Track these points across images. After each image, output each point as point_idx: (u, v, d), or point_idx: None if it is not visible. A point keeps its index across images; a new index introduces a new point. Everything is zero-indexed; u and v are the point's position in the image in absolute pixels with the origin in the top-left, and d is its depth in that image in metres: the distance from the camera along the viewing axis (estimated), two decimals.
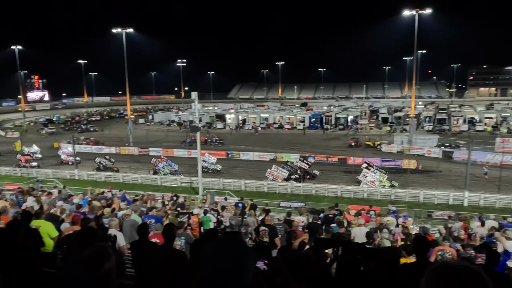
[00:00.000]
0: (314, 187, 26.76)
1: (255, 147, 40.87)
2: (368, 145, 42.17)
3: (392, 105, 75.12)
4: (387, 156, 35.90)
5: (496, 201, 23.32)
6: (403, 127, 52.53)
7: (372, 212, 13.43)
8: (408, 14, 46.26)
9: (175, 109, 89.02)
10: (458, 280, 1.05)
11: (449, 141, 40.86)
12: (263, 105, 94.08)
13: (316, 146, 42.21)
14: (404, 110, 65.38)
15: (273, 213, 18.57)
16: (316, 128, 58.86)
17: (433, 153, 37.23)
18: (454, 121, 53.55)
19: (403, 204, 22.62)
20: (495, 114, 56.41)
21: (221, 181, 28.59)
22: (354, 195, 25.72)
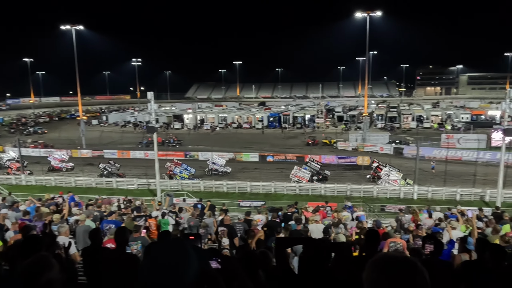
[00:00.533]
0: (273, 185, 27.04)
1: (214, 147, 40.61)
2: (325, 143, 43.30)
3: (347, 104, 77.70)
4: (343, 153, 37.04)
5: (442, 194, 24.83)
6: (357, 125, 54.51)
7: (329, 208, 13.82)
8: (360, 16, 48.05)
9: (130, 110, 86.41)
10: (396, 271, 1.10)
11: (400, 138, 42.93)
12: (221, 105, 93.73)
13: (274, 145, 42.72)
14: (358, 109, 67.78)
15: (233, 212, 18.57)
16: (274, 127, 59.54)
17: (385, 149, 38.93)
18: (404, 119, 56.34)
19: (358, 199, 23.45)
20: (440, 112, 60.03)
21: (179, 183, 28.15)
22: (312, 192, 26.29)
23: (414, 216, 12.32)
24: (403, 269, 1.10)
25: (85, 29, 49.69)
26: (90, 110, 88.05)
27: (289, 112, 64.28)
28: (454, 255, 5.41)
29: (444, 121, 55.75)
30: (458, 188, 24.99)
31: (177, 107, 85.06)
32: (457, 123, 53.72)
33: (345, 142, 42.17)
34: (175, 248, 1.18)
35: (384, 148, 39.20)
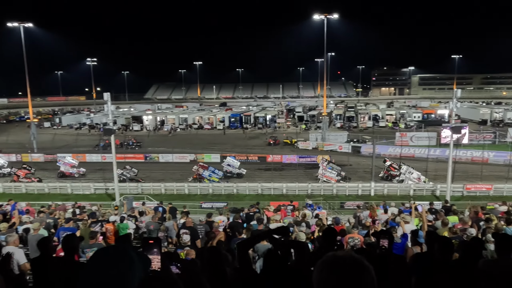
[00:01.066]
0: (235, 186, 27.04)
1: (174, 149, 39.91)
2: (286, 143, 43.90)
3: (307, 104, 79.26)
4: (304, 153, 37.73)
5: (397, 190, 25.97)
6: (317, 125, 55.73)
7: (290, 207, 14.02)
8: (318, 18, 49.19)
9: (86, 111, 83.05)
10: (343, 271, 1.13)
11: (357, 136, 44.39)
12: (182, 106, 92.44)
13: (236, 146, 42.70)
14: (317, 109, 69.33)
15: (195, 215, 18.32)
16: (236, 128, 59.54)
17: (344, 148, 40.09)
18: (361, 118, 58.33)
19: (318, 197, 23.99)
20: (394, 111, 62.71)
21: (139, 186, 27.43)
22: (274, 191, 26.55)
23: (371, 212, 12.78)
24: (350, 269, 1.13)
25: (35, 27, 47.16)
26: (41, 112, 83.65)
27: (250, 113, 64.57)
28: (407, 249, 5.68)
29: (398, 120, 58.32)
30: (412, 184, 26.26)
31: (136, 108, 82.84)
32: (409, 122, 56.39)
33: (306, 142, 42.96)
34: (117, 255, 1.14)
35: (342, 147, 40.35)
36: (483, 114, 58.61)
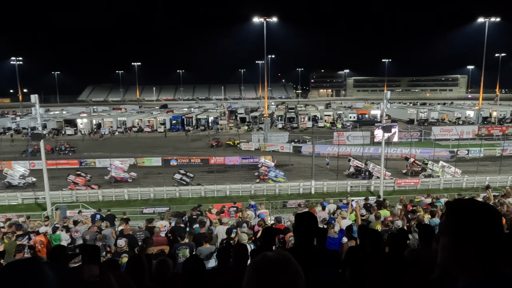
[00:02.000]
0: (177, 190, 26.52)
1: (112, 153, 38.13)
2: (229, 145, 43.95)
3: (249, 106, 79.90)
4: (246, 154, 38.02)
5: (336, 187, 27.16)
6: (259, 126, 56.47)
7: (233, 208, 14.07)
8: (258, 21, 49.93)
9: (11, 115, 76.38)
10: (270, 272, 1.16)
11: (298, 137, 45.71)
12: (120, 108, 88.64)
13: (178, 148, 41.88)
14: (259, 110, 70.26)
15: (136, 221, 17.71)
16: (177, 130, 58.40)
17: (285, 148, 41.08)
18: (301, 119, 60.17)
19: (261, 197, 24.33)
20: (332, 112, 65.53)
21: (73, 193, 25.82)
22: (218, 193, 26.46)
23: (309, 210, 13.22)
24: (276, 269, 1.16)
25: None
26: None
27: (192, 115, 63.72)
28: (342, 243, 5.98)
29: (335, 120, 61.04)
30: (349, 181, 27.63)
31: (69, 111, 77.94)
32: (346, 122, 59.29)
33: (248, 143, 43.35)
34: (25, 271, 1.07)
35: (284, 147, 41.32)
36: (411, 114, 63.32)
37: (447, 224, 1.30)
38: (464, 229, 1.25)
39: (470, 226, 1.24)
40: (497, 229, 1.25)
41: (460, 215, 1.28)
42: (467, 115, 61.54)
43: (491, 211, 1.27)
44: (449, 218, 1.30)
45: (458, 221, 1.27)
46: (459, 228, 1.26)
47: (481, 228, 1.23)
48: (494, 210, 1.29)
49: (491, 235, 1.23)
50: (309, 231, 2.75)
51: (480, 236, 1.22)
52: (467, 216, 1.26)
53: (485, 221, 1.24)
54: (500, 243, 1.25)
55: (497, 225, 1.26)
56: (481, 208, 1.27)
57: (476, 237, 1.22)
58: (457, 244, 1.26)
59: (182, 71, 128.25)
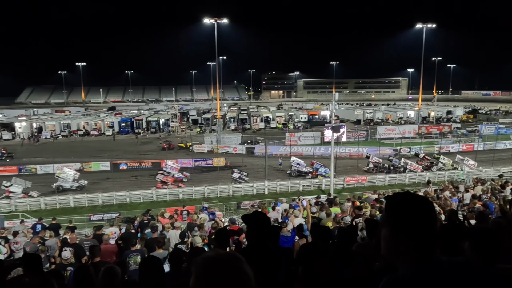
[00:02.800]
0: (128, 195, 25.60)
1: (55, 158, 36.02)
2: (181, 147, 43.20)
3: (201, 107, 79.19)
4: (199, 156, 37.63)
5: (288, 186, 27.67)
6: (211, 128, 56.11)
7: (185, 212, 13.84)
8: (208, 22, 49.64)
9: None
10: (217, 272, 1.15)
11: (250, 138, 46.02)
12: (63, 111, 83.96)
13: (128, 152, 40.42)
14: (211, 112, 69.83)
15: (83, 229, 16.82)
16: (127, 133, 56.44)
17: (238, 149, 41.18)
18: (253, 120, 60.63)
19: (215, 199, 24.18)
20: (283, 113, 66.71)
21: (12, 202, 24.03)
22: (170, 197, 25.91)
23: (265, 210, 13.37)
24: (222, 268, 1.16)
25: None
26: None
27: (142, 117, 61.86)
28: (294, 242, 6.11)
29: (287, 121, 62.21)
30: (301, 180, 28.27)
31: (5, 114, 72.44)
32: (297, 123, 60.64)
33: (201, 145, 42.92)
34: None
35: (237, 149, 41.40)
36: (357, 114, 66.14)
37: (386, 216, 1.39)
38: (401, 220, 1.34)
39: (406, 217, 1.33)
40: (431, 219, 1.35)
41: (397, 207, 1.37)
42: (409, 115, 65.42)
43: (424, 203, 1.37)
44: (388, 210, 1.39)
45: (395, 213, 1.36)
46: (396, 219, 1.35)
47: (416, 218, 1.32)
48: (428, 201, 1.40)
49: (426, 224, 1.33)
50: (259, 230, 2.78)
51: (416, 226, 1.32)
52: (403, 208, 1.35)
53: (420, 212, 1.34)
54: (435, 232, 1.35)
55: (430, 215, 1.36)
56: (416, 200, 1.37)
57: (412, 227, 1.32)
58: (395, 234, 1.35)
59: (131, 72, 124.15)
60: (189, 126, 60.94)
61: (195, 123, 62.50)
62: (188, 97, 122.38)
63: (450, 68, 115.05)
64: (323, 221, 9.30)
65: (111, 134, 54.46)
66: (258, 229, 2.77)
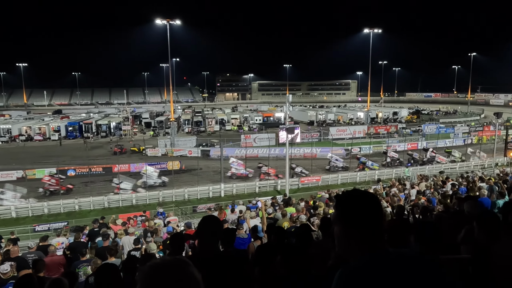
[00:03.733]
0: (76, 202, 24.37)
1: None
2: (134, 151, 41.89)
3: (154, 110, 77.34)
4: (153, 160, 36.62)
5: (245, 188, 27.74)
6: (165, 131, 54.94)
7: (139, 218, 13.42)
8: (161, 23, 48.65)
9: None
10: (164, 279, 1.12)
11: (206, 140, 45.59)
12: (3, 114, 78.30)
13: (76, 157, 38.44)
14: (165, 114, 68.41)
15: (27, 240, 15.76)
16: (74, 138, 53.73)
17: (193, 152, 40.63)
18: (208, 122, 60.18)
19: (170, 204, 23.69)
20: (238, 115, 66.84)
21: None
22: (123, 203, 25.02)
23: (219, 213, 13.30)
24: (169, 274, 1.13)
25: None
26: None
27: (91, 120, 59.17)
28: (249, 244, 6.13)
29: (242, 123, 62.40)
30: (257, 182, 28.46)
31: None
32: (252, 125, 61.03)
33: (155, 148, 41.87)
34: None
35: (192, 152, 40.84)
36: (311, 116, 67.83)
37: (336, 214, 1.44)
38: (350, 216, 1.39)
39: (354, 213, 1.39)
40: (378, 214, 1.42)
41: (345, 204, 1.42)
42: (358, 116, 68.16)
43: (371, 199, 1.44)
44: (337, 208, 1.44)
45: (345, 210, 1.41)
46: (345, 216, 1.40)
47: (364, 214, 1.38)
48: (374, 197, 1.46)
49: (374, 219, 1.39)
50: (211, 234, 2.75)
51: (364, 221, 1.37)
52: (352, 205, 1.41)
53: (367, 208, 1.40)
54: (382, 226, 1.42)
55: (377, 210, 1.43)
56: (363, 196, 1.43)
57: (361, 222, 1.37)
58: (346, 230, 1.40)
59: (79, 74, 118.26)
60: (142, 130, 59.26)
61: (148, 126, 60.83)
62: (140, 99, 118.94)
63: (395, 71, 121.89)
64: (279, 222, 9.42)
65: (57, 139, 51.58)
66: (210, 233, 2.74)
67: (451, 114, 78.61)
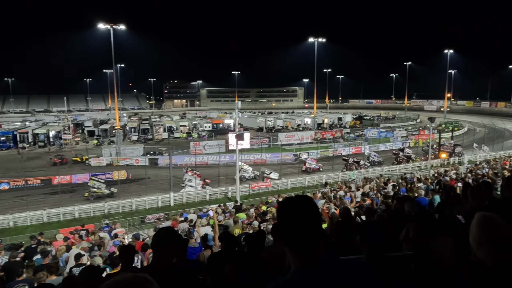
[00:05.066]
0: (11, 218, 22.51)
1: None
2: (76, 161, 39.69)
3: (98, 118, 73.94)
4: (97, 170, 34.96)
5: (195, 196, 27.33)
6: (110, 139, 52.69)
7: (83, 231, 12.69)
8: (103, 27, 46.83)
9: None
10: None
11: (154, 149, 44.38)
12: None
13: (10, 169, 35.57)
14: (110, 122, 65.68)
15: None
16: (8, 148, 49.78)
17: (141, 161, 39.37)
18: (156, 130, 58.64)
19: (116, 216, 22.69)
20: (187, 122, 65.88)
21: None
22: (64, 217, 23.53)
23: (173, 222, 12.98)
24: None
25: None
26: None
27: (27, 129, 55.14)
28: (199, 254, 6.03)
29: (191, 131, 61.58)
30: (207, 190, 28.16)
31: None
32: (202, 132, 60.43)
33: (99, 158, 39.98)
34: None
35: (139, 160, 39.55)
36: (260, 122, 68.63)
37: (278, 220, 1.47)
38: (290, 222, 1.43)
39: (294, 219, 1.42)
40: (317, 220, 1.46)
41: (286, 211, 1.45)
42: (306, 122, 70.14)
43: (310, 205, 1.48)
44: (279, 214, 1.47)
45: (286, 216, 1.45)
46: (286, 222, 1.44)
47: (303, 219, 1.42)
48: (313, 204, 1.51)
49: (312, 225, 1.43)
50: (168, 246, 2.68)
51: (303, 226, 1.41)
52: (292, 211, 1.44)
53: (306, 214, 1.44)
54: (320, 232, 1.46)
55: (316, 216, 1.47)
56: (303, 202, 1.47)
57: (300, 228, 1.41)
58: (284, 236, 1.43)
59: (12, 79, 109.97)
60: (85, 138, 56.31)
61: (91, 135, 57.93)
62: (82, 107, 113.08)
63: (339, 78, 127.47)
64: (231, 229, 9.38)
65: None
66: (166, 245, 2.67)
67: (391, 119, 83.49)
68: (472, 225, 2.00)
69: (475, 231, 1.97)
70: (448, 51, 79.94)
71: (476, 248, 1.96)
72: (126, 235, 13.16)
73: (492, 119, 62.97)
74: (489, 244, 1.87)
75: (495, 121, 58.04)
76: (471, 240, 2.00)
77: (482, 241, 1.91)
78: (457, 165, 32.30)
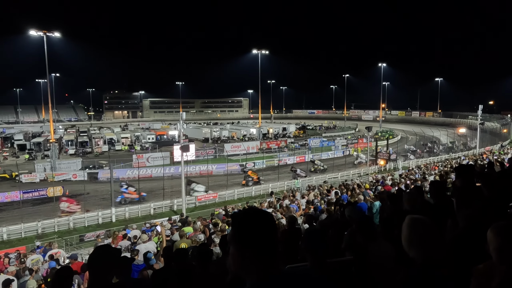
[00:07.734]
0: None
1: None
2: (4, 178, 36.48)
3: (30, 130, 68.82)
4: (29, 187, 32.31)
5: (139, 211, 26.30)
6: (44, 153, 49.20)
7: (12, 255, 11.61)
8: (35, 35, 43.99)
9: None
10: None
11: (93, 162, 42.11)
12: None
13: None
14: (44, 135, 61.43)
15: None
16: None
17: (79, 176, 37.13)
18: (95, 142, 55.79)
19: (52, 235, 21.13)
20: (129, 134, 63.56)
21: None
22: None
23: (113, 239, 12.36)
24: None
25: None
26: None
27: None
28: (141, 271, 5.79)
29: (134, 143, 59.45)
30: (152, 203, 27.25)
31: None
32: (145, 144, 58.55)
33: (31, 174, 37.05)
34: None
35: (77, 175, 37.29)
36: (205, 133, 68.10)
37: (232, 233, 1.48)
38: (245, 236, 1.43)
39: (249, 232, 1.43)
40: (272, 233, 1.48)
41: (241, 224, 1.46)
42: (251, 133, 70.84)
43: (266, 217, 1.50)
44: (233, 227, 1.48)
45: (240, 230, 1.46)
46: (240, 235, 1.45)
47: (258, 233, 1.44)
48: (269, 216, 1.53)
49: (268, 238, 1.45)
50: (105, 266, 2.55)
51: (258, 240, 1.43)
52: (247, 224, 1.45)
53: (262, 227, 1.46)
54: (277, 246, 1.48)
55: (272, 229, 1.49)
56: (258, 215, 1.49)
57: (255, 242, 1.42)
58: (241, 250, 1.44)
59: None
60: (15, 153, 52.00)
61: (22, 149, 53.63)
62: (12, 119, 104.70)
63: (283, 90, 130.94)
64: (177, 243, 9.14)
65: None
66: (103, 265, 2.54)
67: (332, 129, 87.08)
68: (403, 227, 2.17)
69: (405, 232, 2.15)
70: (381, 65, 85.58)
71: (407, 248, 2.13)
72: (64, 256, 12.28)
73: (422, 127, 68.20)
74: (418, 243, 2.05)
75: (425, 129, 62.85)
76: (403, 241, 2.16)
77: (412, 241, 2.09)
78: (392, 171, 34.46)
